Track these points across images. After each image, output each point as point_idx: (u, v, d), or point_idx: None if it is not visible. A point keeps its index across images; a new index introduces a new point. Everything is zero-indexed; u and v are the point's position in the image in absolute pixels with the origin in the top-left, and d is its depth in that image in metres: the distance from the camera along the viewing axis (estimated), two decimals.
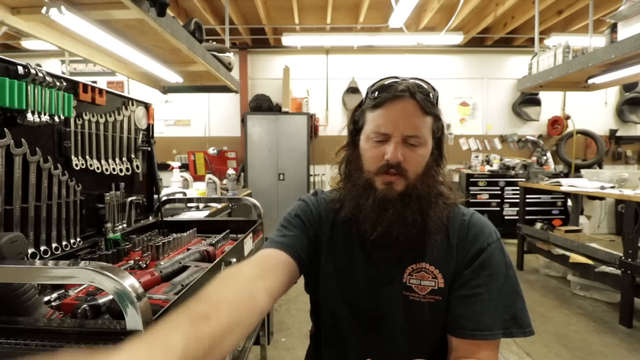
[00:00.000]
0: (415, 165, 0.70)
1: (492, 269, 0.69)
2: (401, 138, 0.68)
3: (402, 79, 0.73)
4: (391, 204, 0.69)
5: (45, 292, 0.79)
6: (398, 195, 0.70)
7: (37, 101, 0.90)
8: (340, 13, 4.61)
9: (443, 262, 0.72)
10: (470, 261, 0.70)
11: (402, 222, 0.69)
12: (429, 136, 0.71)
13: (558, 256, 3.09)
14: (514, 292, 0.70)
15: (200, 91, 3.09)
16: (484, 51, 5.41)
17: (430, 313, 0.71)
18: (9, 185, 0.85)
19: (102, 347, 0.50)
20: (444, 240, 0.73)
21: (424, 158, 0.71)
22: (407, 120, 0.69)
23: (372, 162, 0.72)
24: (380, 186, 0.71)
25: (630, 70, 2.49)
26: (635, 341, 2.23)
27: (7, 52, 5.11)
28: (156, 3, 1.45)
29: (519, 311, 0.69)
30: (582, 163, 5.23)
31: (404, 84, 0.71)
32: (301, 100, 5.12)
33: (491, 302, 0.67)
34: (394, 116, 0.69)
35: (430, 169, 0.73)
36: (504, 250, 0.72)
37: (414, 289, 0.72)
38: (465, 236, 0.73)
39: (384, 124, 0.70)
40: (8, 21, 1.43)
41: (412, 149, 0.69)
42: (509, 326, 0.68)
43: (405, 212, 0.69)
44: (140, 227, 1.37)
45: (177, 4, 4.18)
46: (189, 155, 4.77)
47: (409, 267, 0.72)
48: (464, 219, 0.75)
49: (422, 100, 0.69)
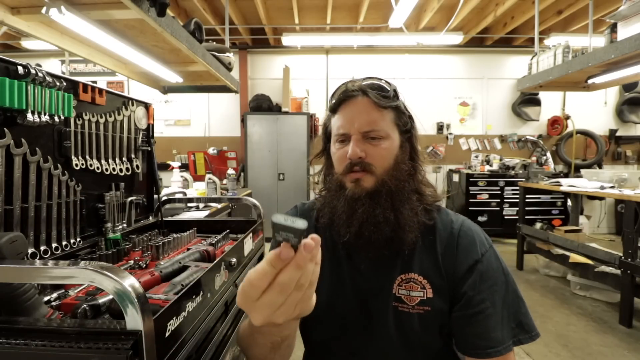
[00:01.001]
0: (380, 159, 0.70)
1: (491, 279, 0.68)
2: (360, 135, 0.70)
3: (355, 80, 0.75)
4: (360, 202, 0.69)
5: (45, 292, 0.79)
6: (367, 193, 0.69)
7: (37, 101, 0.90)
8: (340, 13, 4.62)
9: (431, 272, 0.70)
10: (467, 274, 0.68)
11: (372, 220, 0.68)
12: (391, 129, 0.72)
13: (558, 256, 3.09)
14: (515, 297, 0.69)
15: (200, 91, 3.09)
16: (483, 51, 5.41)
17: (420, 324, 0.69)
18: (9, 185, 0.85)
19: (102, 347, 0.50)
20: (431, 248, 0.72)
21: (389, 151, 0.71)
22: (361, 116, 0.70)
23: (339, 164, 0.73)
24: (349, 185, 0.71)
25: (630, 70, 2.49)
26: (635, 341, 2.23)
27: (7, 52, 5.11)
28: (156, 3, 1.45)
29: (523, 316, 0.68)
30: (581, 163, 5.23)
31: (356, 84, 0.73)
32: (301, 100, 5.12)
33: (497, 315, 0.66)
34: (349, 115, 0.72)
35: (400, 163, 0.72)
36: (498, 257, 0.71)
37: (404, 300, 0.70)
38: (456, 246, 0.71)
39: (342, 125, 0.72)
40: (8, 21, 1.43)
41: (374, 143, 0.70)
42: (516, 334, 0.67)
43: (375, 211, 0.68)
44: (140, 227, 1.37)
45: (177, 4, 4.18)
46: (189, 155, 4.77)
47: (398, 277, 0.71)
48: (453, 228, 0.73)
49: (375, 95, 0.71)
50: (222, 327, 0.93)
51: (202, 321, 0.76)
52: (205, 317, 0.78)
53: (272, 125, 4.89)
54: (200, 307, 0.75)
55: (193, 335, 0.71)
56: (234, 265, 1.02)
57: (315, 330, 0.78)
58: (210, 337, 0.84)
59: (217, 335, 0.89)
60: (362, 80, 0.74)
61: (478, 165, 5.14)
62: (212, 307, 0.84)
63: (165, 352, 0.59)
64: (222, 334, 0.92)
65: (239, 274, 1.10)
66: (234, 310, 1.04)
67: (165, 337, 0.59)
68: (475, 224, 0.76)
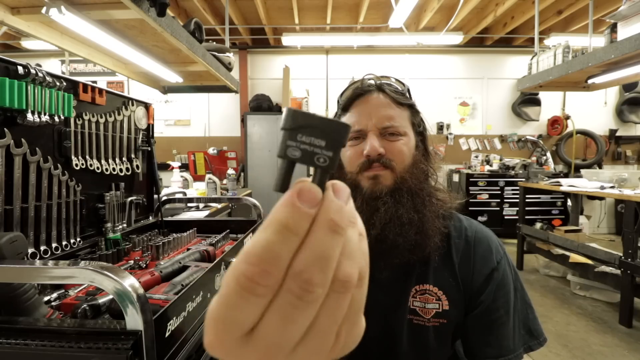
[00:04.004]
0: (400, 155, 0.65)
1: (506, 287, 0.66)
2: (378, 131, 0.65)
3: (367, 77, 0.71)
4: (381, 201, 0.62)
5: (45, 292, 0.79)
6: (387, 191, 0.63)
7: (37, 101, 0.90)
8: (340, 13, 4.61)
9: (446, 283, 0.66)
10: (484, 283, 0.66)
11: (396, 221, 0.62)
12: (408, 127, 0.68)
13: (558, 256, 3.09)
14: (524, 304, 0.68)
15: (200, 91, 3.09)
16: (483, 51, 5.41)
17: (435, 337, 0.65)
18: (9, 185, 0.85)
19: (102, 347, 0.50)
20: (447, 258, 0.68)
21: (408, 149, 0.66)
22: (379, 111, 0.65)
23: (352, 162, 0.66)
24: (366, 183, 0.65)
25: (630, 70, 2.49)
26: (634, 341, 2.23)
27: (7, 52, 5.11)
28: (156, 3, 1.45)
29: (532, 322, 0.68)
30: (581, 163, 5.23)
31: (370, 80, 0.69)
32: (301, 100, 5.12)
33: (510, 322, 0.65)
34: (366, 110, 0.66)
35: (418, 163, 0.67)
36: (510, 262, 0.70)
37: (418, 312, 0.66)
38: (472, 255, 0.68)
39: (357, 121, 0.66)
40: (8, 21, 1.43)
41: (392, 139, 0.65)
42: (526, 341, 0.66)
43: (399, 210, 0.62)
44: (140, 227, 1.37)
45: (177, 4, 4.18)
46: (189, 155, 4.77)
47: (413, 288, 0.67)
48: (468, 235, 0.70)
49: (392, 91, 0.68)
50: None
51: (202, 321, 0.76)
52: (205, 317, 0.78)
53: (272, 125, 4.89)
54: (200, 307, 0.75)
55: (193, 335, 0.71)
56: None
57: None
58: None
59: None
60: (376, 78, 0.70)
61: (478, 165, 5.13)
62: None
63: (165, 352, 0.59)
64: None
65: None
66: None
67: (165, 337, 0.59)
68: (488, 228, 0.74)
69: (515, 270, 0.70)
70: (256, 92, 5.20)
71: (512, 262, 0.71)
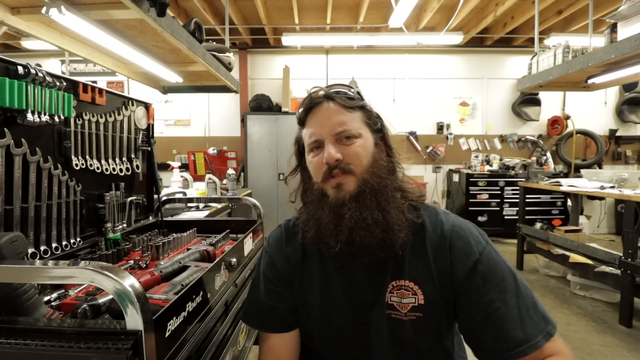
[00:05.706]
0: (357, 157, 0.69)
1: (497, 276, 0.64)
2: (333, 138, 0.70)
3: (317, 89, 0.75)
4: (346, 207, 0.67)
5: (45, 292, 0.79)
6: (350, 197, 0.67)
7: (37, 101, 0.90)
8: (340, 13, 4.61)
9: (421, 277, 0.68)
10: (467, 278, 0.65)
11: (362, 224, 0.65)
12: (362, 128, 0.71)
13: (558, 256, 3.09)
14: (525, 289, 0.65)
15: (200, 91, 3.09)
16: (483, 51, 5.41)
17: (413, 330, 0.68)
18: (9, 185, 0.85)
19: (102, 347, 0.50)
20: (421, 252, 0.69)
21: (365, 148, 0.70)
22: (331, 119, 0.70)
23: (317, 172, 0.72)
24: (331, 192, 0.69)
25: (630, 70, 2.49)
26: (634, 341, 2.23)
27: (7, 52, 5.11)
28: (156, 3, 1.45)
29: (540, 306, 0.64)
30: (581, 163, 5.23)
31: (320, 92, 0.74)
32: (301, 100, 5.12)
33: (512, 312, 0.62)
34: (319, 121, 0.72)
35: (378, 160, 0.71)
36: (497, 251, 0.68)
37: (396, 307, 0.68)
38: (448, 249, 0.68)
39: (313, 132, 0.72)
40: (8, 21, 1.43)
41: (348, 143, 0.69)
42: (543, 327, 0.61)
43: (363, 213, 0.66)
44: (140, 227, 1.37)
45: (177, 4, 4.18)
46: (189, 155, 4.77)
47: (390, 284, 0.69)
48: (444, 229, 0.70)
49: (340, 99, 0.71)
50: (222, 327, 0.93)
51: (202, 321, 0.76)
52: (205, 317, 0.78)
53: (272, 125, 4.89)
54: (200, 307, 0.75)
55: (193, 335, 0.71)
56: (234, 265, 1.02)
57: (312, 343, 0.77)
58: (210, 337, 0.84)
59: (217, 335, 0.89)
60: (325, 88, 0.75)
61: (478, 165, 5.13)
62: (212, 307, 0.84)
63: (165, 352, 0.59)
64: (222, 334, 0.92)
65: (239, 274, 1.10)
66: (234, 310, 1.04)
67: (165, 337, 0.59)
68: (468, 221, 0.73)
69: (504, 258, 0.68)
70: (256, 92, 5.19)
71: (499, 250, 0.69)
